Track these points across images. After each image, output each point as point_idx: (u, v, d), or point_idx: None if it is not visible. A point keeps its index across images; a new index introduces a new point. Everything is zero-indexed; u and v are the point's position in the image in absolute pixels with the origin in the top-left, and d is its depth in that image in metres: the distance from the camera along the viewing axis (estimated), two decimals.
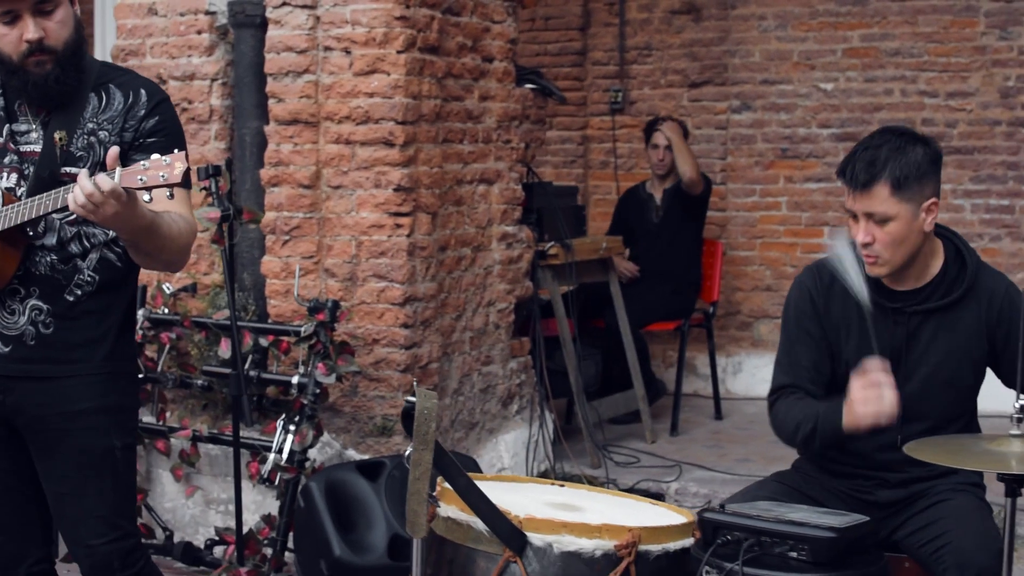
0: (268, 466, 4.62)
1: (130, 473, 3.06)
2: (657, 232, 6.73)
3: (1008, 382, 3.15)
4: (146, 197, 2.64)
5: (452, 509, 2.91)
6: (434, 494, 2.91)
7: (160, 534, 4.96)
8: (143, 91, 2.95)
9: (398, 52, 4.74)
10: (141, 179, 2.59)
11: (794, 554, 2.71)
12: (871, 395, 2.97)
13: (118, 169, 2.61)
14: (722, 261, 6.92)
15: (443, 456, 2.78)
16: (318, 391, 4.65)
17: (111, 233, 2.89)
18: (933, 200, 3.15)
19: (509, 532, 2.80)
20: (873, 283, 3.17)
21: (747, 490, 3.29)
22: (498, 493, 3.05)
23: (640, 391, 6.19)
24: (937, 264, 3.22)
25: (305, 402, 4.63)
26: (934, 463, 2.83)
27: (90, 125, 2.90)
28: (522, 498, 3.06)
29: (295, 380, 4.68)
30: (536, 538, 2.81)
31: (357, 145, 4.85)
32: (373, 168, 4.82)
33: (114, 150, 2.68)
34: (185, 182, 2.62)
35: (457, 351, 5.22)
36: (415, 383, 4.24)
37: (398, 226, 4.83)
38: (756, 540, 2.75)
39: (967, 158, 6.88)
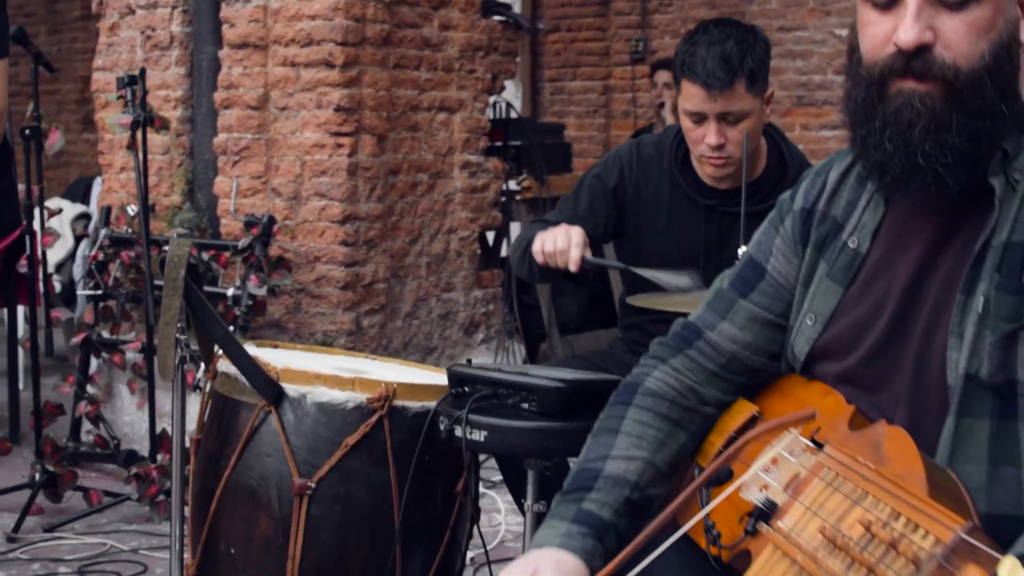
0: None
1: None
2: None
3: None
4: None
5: (225, 364, 2.99)
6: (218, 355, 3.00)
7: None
8: None
9: None
10: None
11: (526, 405, 2.71)
12: (560, 238, 2.95)
13: None
14: None
15: (201, 307, 2.86)
16: (251, 303, 4.78)
17: None
18: (770, 91, 3.10)
19: (264, 382, 2.86)
20: (689, 173, 3.14)
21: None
22: (294, 358, 3.12)
23: None
24: (760, 165, 3.16)
25: (238, 313, 4.76)
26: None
27: None
28: (313, 362, 3.12)
29: (230, 292, 4.81)
30: (291, 389, 2.86)
31: (301, 67, 4.97)
32: (315, 89, 4.93)
33: None
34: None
35: (411, 275, 5.29)
36: (176, 236, 4.29)
37: (339, 146, 4.93)
38: (493, 391, 2.76)
39: None
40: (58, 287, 6.45)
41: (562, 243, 2.96)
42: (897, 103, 1.61)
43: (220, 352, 3.02)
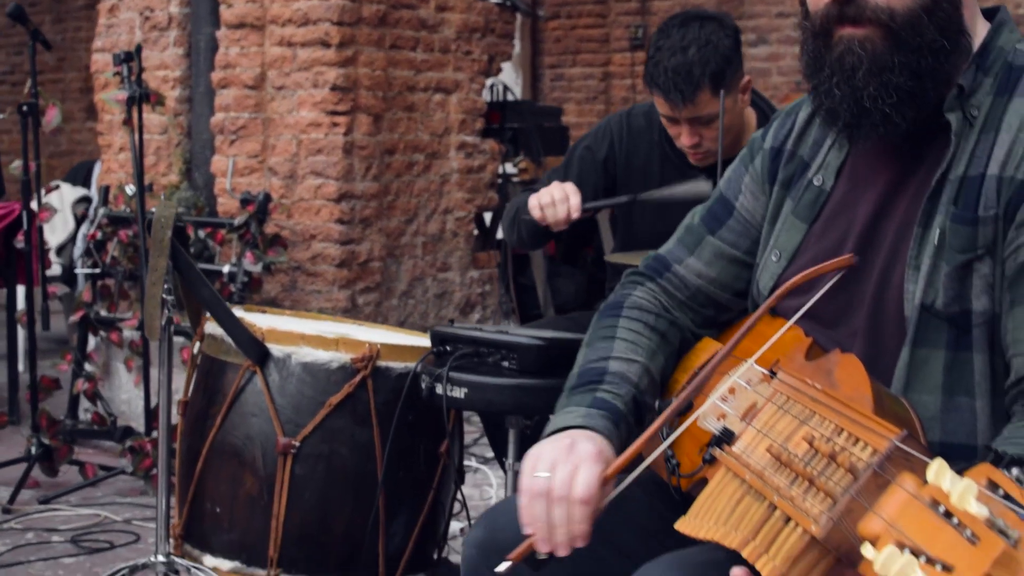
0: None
1: None
2: None
3: None
4: None
5: (212, 326, 3.02)
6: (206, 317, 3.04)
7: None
8: None
9: None
10: None
11: (506, 363, 2.74)
12: (557, 191, 2.97)
13: None
14: None
15: (189, 268, 2.89)
16: (247, 280, 4.81)
17: None
18: (746, 79, 3.09)
19: (249, 342, 2.89)
20: (673, 151, 3.16)
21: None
22: (281, 321, 3.16)
23: None
24: (747, 136, 3.18)
25: (233, 290, 4.79)
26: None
27: None
28: (298, 325, 3.15)
29: (226, 269, 4.85)
30: (276, 349, 2.89)
31: (298, 47, 5.00)
32: (311, 69, 4.97)
33: None
34: None
35: (407, 254, 5.32)
36: (163, 198, 4.33)
37: (335, 125, 4.96)
38: (474, 350, 2.79)
39: None
40: (59, 269, 6.49)
41: (559, 194, 2.98)
42: (839, 50, 1.64)
43: (208, 315, 3.06)
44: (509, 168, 5.88)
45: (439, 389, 2.70)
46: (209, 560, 2.92)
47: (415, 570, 3.01)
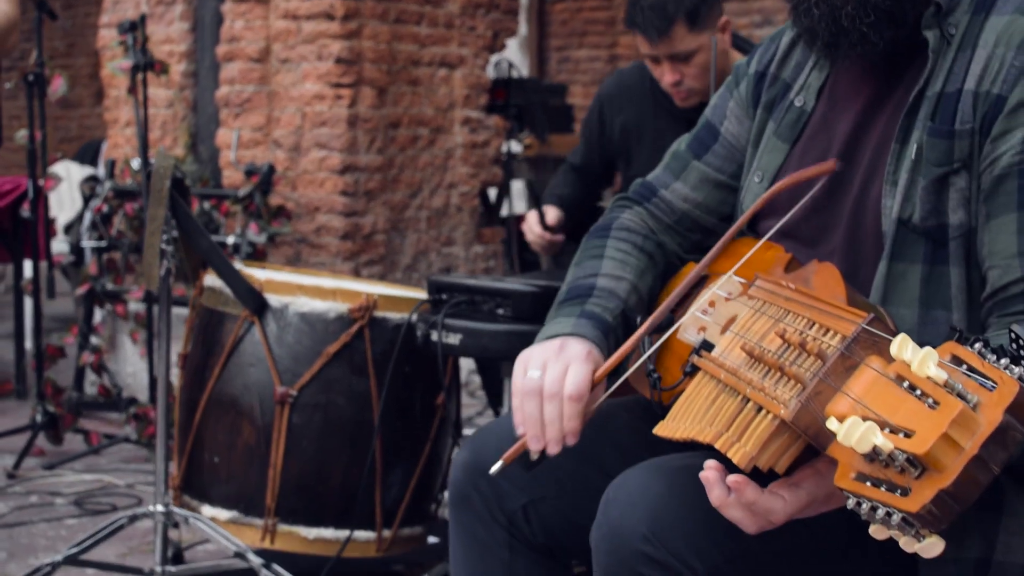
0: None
1: None
2: None
3: None
4: None
5: (211, 278, 3.04)
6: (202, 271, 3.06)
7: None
8: None
9: None
10: None
11: (501, 310, 2.76)
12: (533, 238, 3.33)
13: None
14: None
15: (187, 218, 2.91)
16: (251, 251, 4.83)
17: None
18: (725, 19, 3.17)
19: (247, 293, 2.91)
20: (665, 99, 3.21)
21: None
22: (282, 275, 3.17)
23: None
24: None
25: (238, 260, 4.82)
26: None
27: None
28: (298, 279, 3.17)
29: (230, 240, 4.87)
30: (274, 299, 2.91)
31: (303, 20, 5.02)
32: (316, 41, 4.99)
33: None
34: None
35: (411, 228, 5.34)
36: (161, 149, 4.37)
37: (339, 97, 4.98)
38: (469, 298, 2.81)
39: None
40: (67, 247, 6.51)
41: (531, 236, 3.48)
42: None
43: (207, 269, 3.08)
44: (514, 146, 5.88)
45: (434, 336, 2.72)
46: (207, 510, 2.94)
47: (412, 523, 3.02)
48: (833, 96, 1.77)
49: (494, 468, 1.64)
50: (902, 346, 1.12)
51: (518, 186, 5.97)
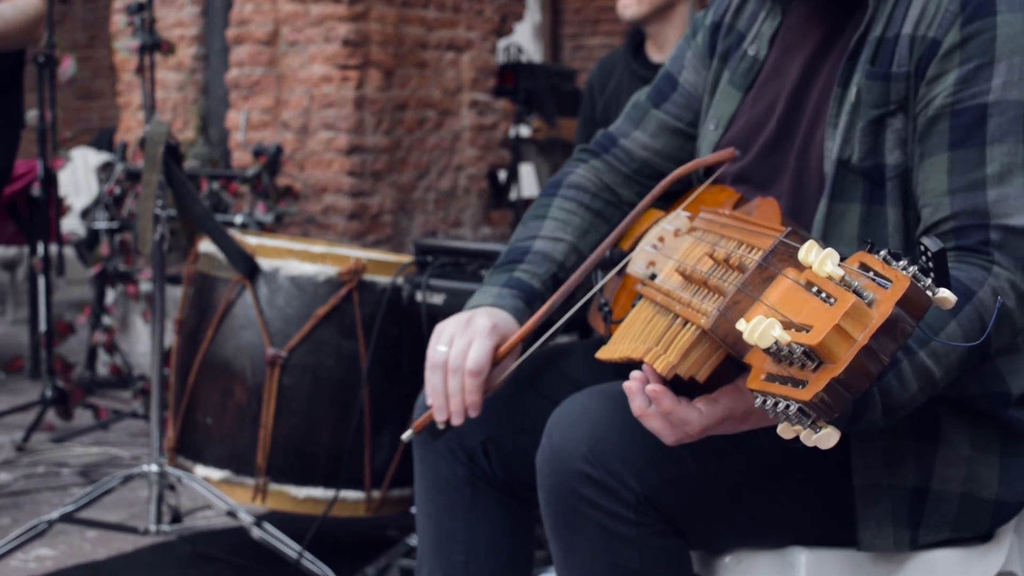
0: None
1: None
2: None
3: None
4: None
5: (205, 244, 3.10)
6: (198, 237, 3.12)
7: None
8: None
9: None
10: None
11: (485, 271, 2.80)
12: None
13: None
14: None
15: (181, 184, 2.97)
16: (259, 230, 4.89)
17: None
18: None
19: (239, 256, 2.97)
20: (635, 52, 3.27)
21: None
22: (274, 241, 3.23)
23: None
24: (681, 8, 3.34)
25: None
26: None
27: None
28: (289, 244, 3.22)
29: (238, 220, 4.93)
30: (265, 263, 2.97)
31: (310, 3, 5.09)
32: (323, 24, 5.05)
33: None
34: None
35: (419, 209, 5.40)
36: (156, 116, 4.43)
37: (346, 79, 5.04)
38: (454, 260, 2.86)
39: None
40: (83, 231, 6.59)
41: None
42: None
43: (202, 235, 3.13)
44: (523, 129, 5.93)
45: (419, 297, 2.77)
46: (200, 470, 3.00)
47: (403, 484, 3.07)
48: (784, 44, 1.81)
49: (405, 436, 1.77)
50: (808, 249, 1.16)
51: (527, 170, 6.02)
